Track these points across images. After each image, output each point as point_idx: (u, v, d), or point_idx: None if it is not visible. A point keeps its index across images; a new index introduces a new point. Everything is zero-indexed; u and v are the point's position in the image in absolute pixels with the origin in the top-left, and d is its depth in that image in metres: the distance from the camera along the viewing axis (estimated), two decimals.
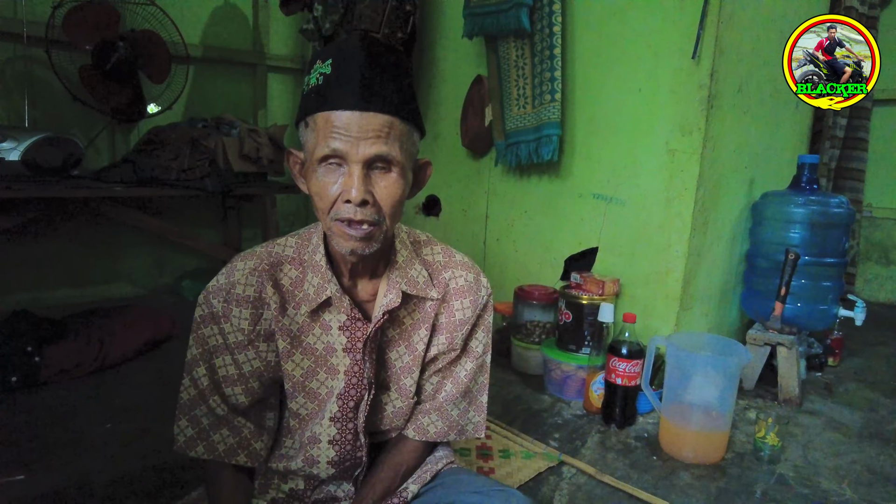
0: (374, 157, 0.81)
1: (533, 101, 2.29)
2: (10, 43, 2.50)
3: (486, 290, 1.04)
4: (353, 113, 0.80)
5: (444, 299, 1.00)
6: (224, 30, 3.16)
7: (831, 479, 1.60)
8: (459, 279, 1.01)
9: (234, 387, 0.94)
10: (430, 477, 1.06)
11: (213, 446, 0.94)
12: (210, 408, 0.93)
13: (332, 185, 0.82)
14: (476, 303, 1.02)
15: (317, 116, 0.82)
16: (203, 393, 0.93)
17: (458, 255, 1.04)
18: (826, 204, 2.12)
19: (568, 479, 1.54)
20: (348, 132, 0.80)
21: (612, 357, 1.78)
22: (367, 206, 0.82)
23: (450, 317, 1.00)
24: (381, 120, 0.81)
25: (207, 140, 2.61)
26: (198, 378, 0.93)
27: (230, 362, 0.93)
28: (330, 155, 0.81)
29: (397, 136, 0.83)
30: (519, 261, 2.57)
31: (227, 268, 0.93)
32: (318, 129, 0.82)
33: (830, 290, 2.17)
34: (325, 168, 0.83)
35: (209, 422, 0.94)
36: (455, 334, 1.01)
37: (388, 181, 0.84)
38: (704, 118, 1.92)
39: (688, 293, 2.05)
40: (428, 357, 1.02)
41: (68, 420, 1.69)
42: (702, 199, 2.00)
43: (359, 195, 0.80)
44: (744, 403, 2.05)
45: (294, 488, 1.03)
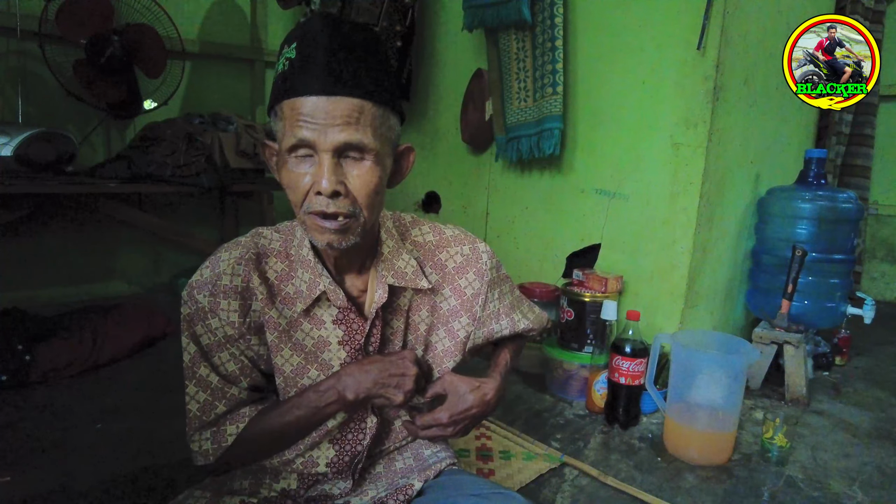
0: (344, 144, 0.76)
1: (534, 94, 2.24)
2: (3, 37, 2.47)
3: (487, 255, 1.01)
4: (318, 98, 0.75)
5: (448, 280, 0.97)
6: (221, 25, 3.12)
7: (841, 480, 1.55)
8: (456, 256, 0.98)
9: (239, 382, 0.91)
10: (434, 475, 1.02)
11: (241, 421, 0.90)
12: (231, 399, 0.90)
13: (302, 176, 0.78)
14: (481, 272, 0.99)
15: (283, 105, 0.78)
16: (217, 389, 0.89)
17: (447, 231, 1.01)
18: (834, 199, 2.07)
19: (570, 481, 1.50)
20: (314, 119, 0.75)
21: (616, 356, 1.74)
22: (339, 198, 0.78)
23: (461, 296, 0.98)
24: (350, 104, 0.76)
25: (204, 136, 2.57)
26: (206, 376, 0.89)
27: (228, 358, 0.89)
28: (297, 144, 0.77)
29: (369, 121, 0.78)
30: (520, 258, 2.53)
31: (211, 259, 0.89)
32: (285, 118, 0.78)
33: (838, 288, 2.13)
34: (295, 159, 0.78)
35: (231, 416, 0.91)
36: (474, 309, 0.99)
37: (361, 170, 0.79)
38: (710, 111, 1.88)
39: (693, 290, 2.01)
40: (458, 341, 1.00)
41: (58, 420, 1.66)
42: (707, 194, 1.96)
43: (329, 186, 0.76)
44: (750, 403, 2.01)
45: (286, 487, 0.99)
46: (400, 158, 0.89)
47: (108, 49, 2.48)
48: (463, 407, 0.94)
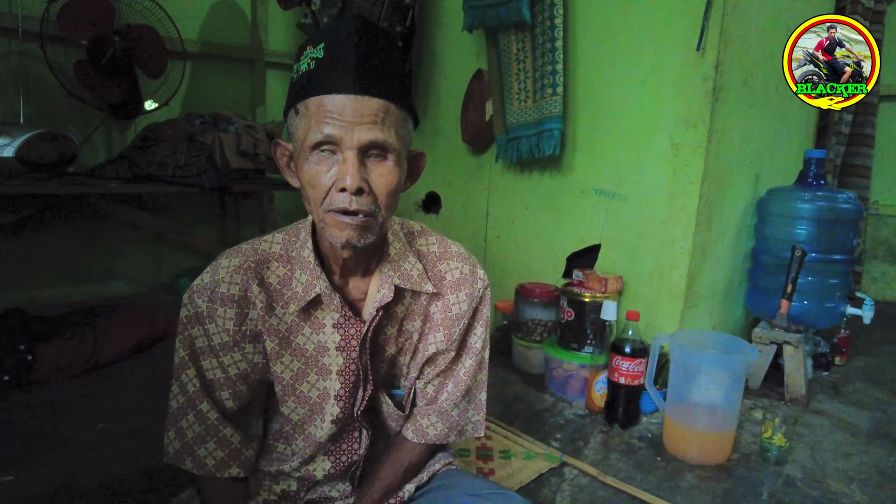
0: (370, 143, 0.77)
1: (534, 94, 2.25)
2: (4, 38, 2.47)
3: (483, 283, 0.99)
4: (347, 97, 0.76)
5: (439, 293, 0.96)
6: (222, 25, 3.12)
7: (840, 480, 1.56)
8: (455, 271, 0.97)
9: (222, 391, 0.90)
10: (428, 478, 1.03)
11: (201, 461, 0.90)
12: (199, 415, 0.89)
13: (324, 173, 0.78)
14: (472, 295, 0.97)
15: (309, 102, 0.78)
16: (192, 398, 0.89)
17: (453, 246, 1.00)
18: (834, 199, 2.08)
19: (570, 481, 1.50)
20: (343, 117, 0.76)
21: (616, 356, 1.74)
22: (362, 195, 0.78)
23: (446, 312, 0.96)
24: (377, 104, 0.77)
25: (204, 136, 2.58)
26: (186, 382, 0.89)
27: (216, 365, 0.89)
28: (323, 141, 0.77)
29: (393, 122, 0.79)
30: (520, 258, 2.53)
31: (212, 266, 0.89)
32: (310, 114, 0.78)
33: (838, 288, 2.13)
34: (318, 155, 0.78)
35: (194, 434, 0.89)
36: (452, 329, 0.97)
37: (383, 169, 0.80)
38: (709, 111, 1.88)
39: (692, 290, 2.02)
40: (426, 355, 0.98)
41: (60, 420, 1.66)
42: (707, 195, 1.96)
43: (354, 183, 0.77)
44: (749, 403, 2.01)
45: (286, 489, 0.99)
46: (412, 162, 0.89)
47: (110, 50, 2.49)
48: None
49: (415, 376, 1.00)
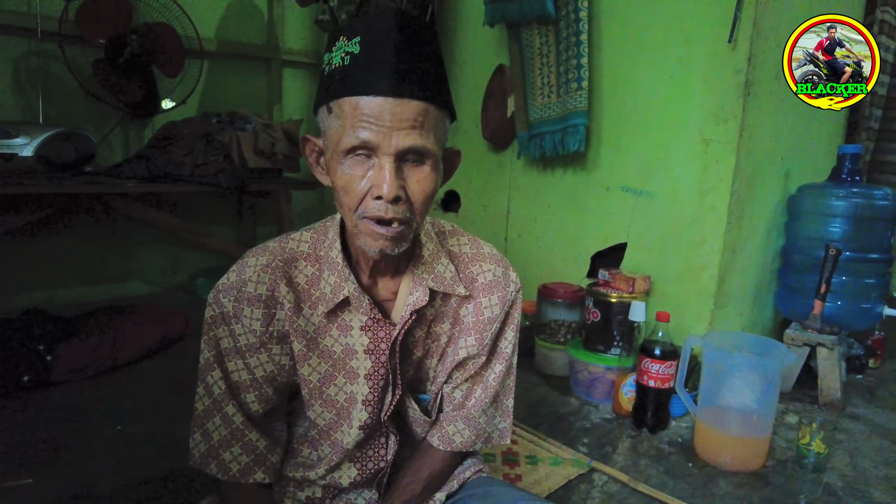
0: (408, 149, 0.72)
1: (558, 89, 2.20)
2: (23, 38, 2.46)
3: (515, 285, 0.95)
4: (385, 99, 0.70)
5: (471, 296, 0.92)
6: (239, 24, 3.10)
7: (884, 489, 1.49)
8: (487, 273, 0.92)
9: (248, 393, 0.87)
10: (458, 486, 0.99)
11: (226, 466, 0.86)
12: (224, 417, 0.86)
13: (359, 179, 0.74)
14: (504, 299, 0.93)
15: (342, 102, 0.73)
16: (217, 401, 0.85)
17: (485, 247, 0.96)
18: (870, 196, 2.01)
19: (599, 487, 1.45)
20: (380, 121, 0.71)
21: (645, 358, 1.69)
22: (398, 203, 0.74)
23: (478, 315, 0.92)
24: (417, 107, 0.72)
25: (222, 135, 2.55)
26: (212, 384, 0.85)
27: (242, 367, 0.86)
28: (358, 146, 0.72)
29: (432, 124, 0.74)
30: (542, 257, 2.48)
31: (238, 264, 0.86)
32: (344, 116, 0.73)
33: (874, 288, 2.06)
34: (352, 160, 0.74)
35: (220, 437, 0.86)
36: (484, 334, 0.92)
37: (420, 175, 0.75)
38: (741, 106, 1.83)
39: (722, 290, 1.96)
40: (456, 359, 0.93)
41: (79, 421, 1.64)
42: (738, 192, 1.90)
43: (391, 192, 0.72)
44: (781, 407, 1.94)
45: (311, 496, 0.96)
46: (447, 161, 0.84)
47: (127, 49, 2.47)
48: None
49: (442, 381, 0.96)
